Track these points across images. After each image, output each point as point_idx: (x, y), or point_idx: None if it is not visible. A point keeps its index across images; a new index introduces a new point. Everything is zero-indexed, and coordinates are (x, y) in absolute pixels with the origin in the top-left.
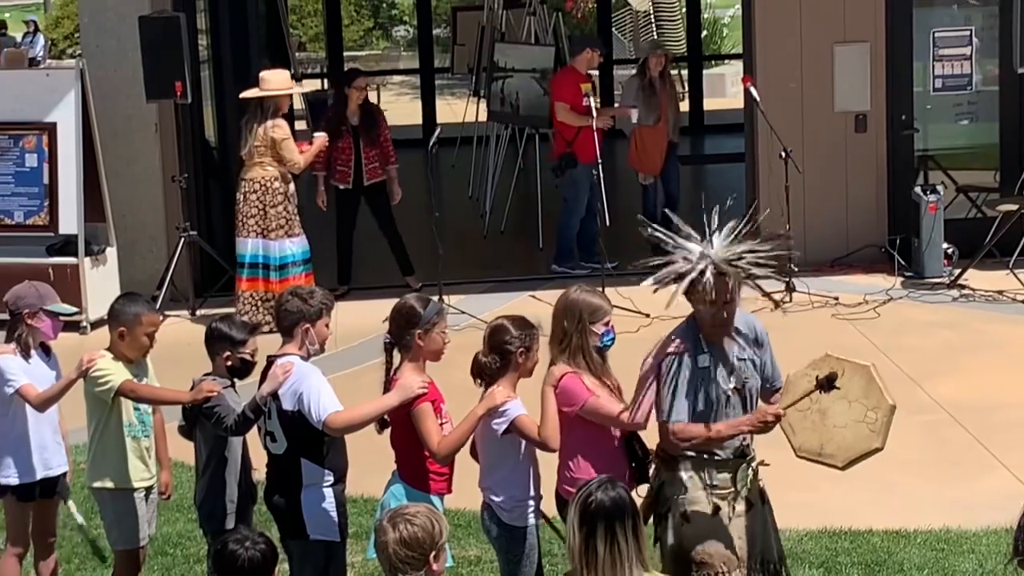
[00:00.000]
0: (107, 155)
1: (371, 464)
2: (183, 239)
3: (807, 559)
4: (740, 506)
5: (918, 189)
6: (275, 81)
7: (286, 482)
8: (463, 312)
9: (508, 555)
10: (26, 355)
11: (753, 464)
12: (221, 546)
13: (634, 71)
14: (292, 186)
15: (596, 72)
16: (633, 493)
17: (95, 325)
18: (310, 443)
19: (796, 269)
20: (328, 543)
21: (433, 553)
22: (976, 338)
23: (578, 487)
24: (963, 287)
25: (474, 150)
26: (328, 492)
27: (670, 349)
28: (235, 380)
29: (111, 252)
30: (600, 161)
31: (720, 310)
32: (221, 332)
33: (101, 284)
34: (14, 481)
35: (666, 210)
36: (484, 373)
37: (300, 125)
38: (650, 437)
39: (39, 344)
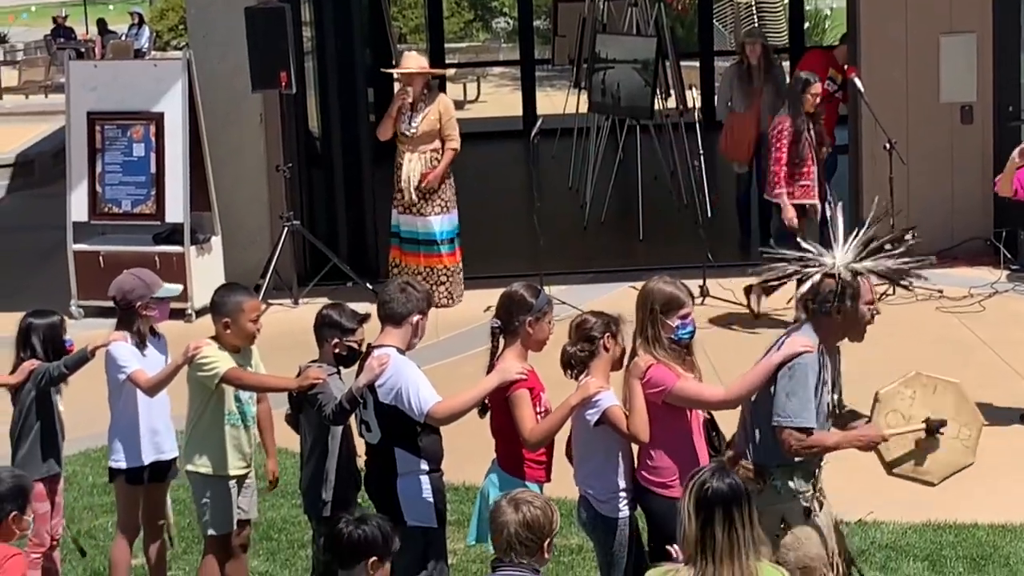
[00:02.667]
0: (212, 145)
1: (471, 451)
2: (286, 228)
3: (911, 552)
4: (818, 507)
5: None
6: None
7: (382, 470)
8: (564, 303)
9: (604, 547)
10: (142, 345)
11: (823, 465)
12: (335, 525)
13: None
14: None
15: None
16: None
17: (200, 313)
18: (404, 433)
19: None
20: (425, 529)
21: (548, 540)
22: None
23: (689, 477)
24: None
25: (574, 141)
26: (424, 479)
27: (799, 350)
28: (341, 368)
29: (216, 241)
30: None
31: (865, 313)
32: (331, 319)
33: (206, 272)
34: (124, 465)
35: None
36: (573, 363)
37: None
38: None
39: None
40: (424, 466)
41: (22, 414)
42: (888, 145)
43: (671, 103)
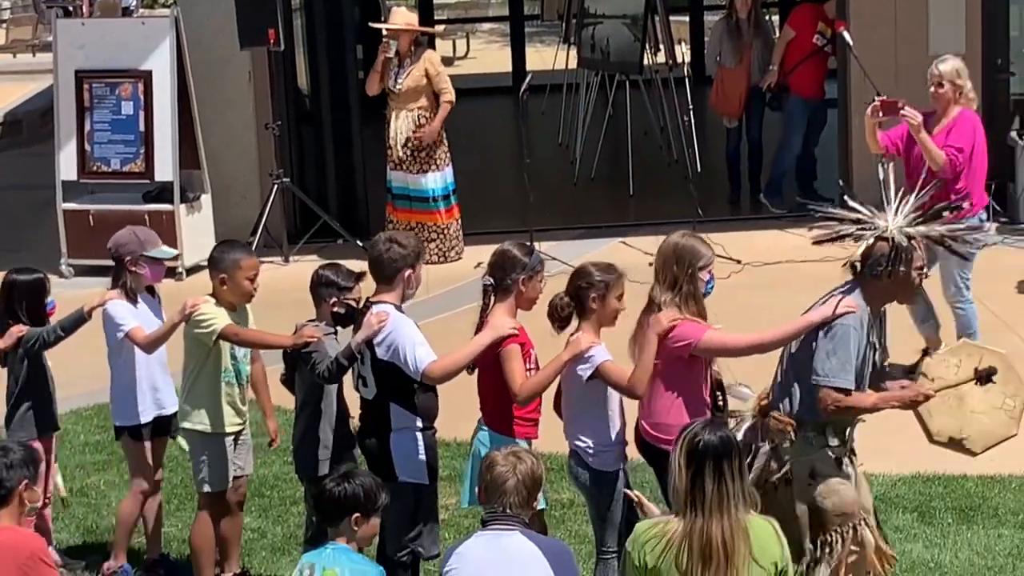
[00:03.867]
0: (201, 103)
1: (464, 409)
2: (276, 186)
3: (900, 504)
4: (847, 460)
5: (1013, 133)
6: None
7: (377, 426)
8: (554, 259)
9: (596, 500)
10: (132, 300)
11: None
12: (322, 483)
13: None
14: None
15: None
16: None
17: (191, 271)
18: (400, 389)
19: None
20: (417, 485)
21: (540, 492)
22: None
23: (681, 430)
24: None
25: (564, 97)
26: (418, 436)
27: (843, 310)
28: (338, 328)
29: (206, 199)
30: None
31: (915, 278)
32: (328, 279)
33: (196, 230)
34: (128, 423)
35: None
36: (556, 314)
37: None
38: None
39: (145, 288)
40: (419, 423)
41: (16, 379)
42: (877, 99)
43: (660, 58)
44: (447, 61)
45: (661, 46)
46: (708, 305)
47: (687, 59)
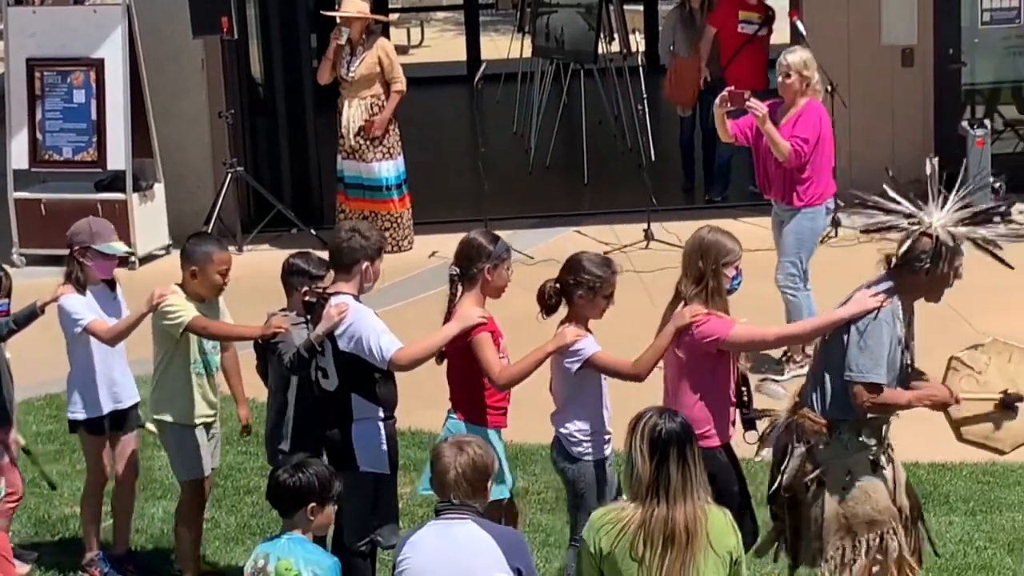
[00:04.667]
0: (154, 91)
1: (423, 398)
2: (230, 175)
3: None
4: (885, 460)
5: (965, 123)
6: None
7: (338, 417)
8: (509, 247)
9: (575, 488)
10: (81, 291)
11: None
12: (275, 474)
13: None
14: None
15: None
16: (741, 437)
17: (144, 260)
18: (362, 380)
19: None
20: (378, 475)
21: (489, 481)
22: None
23: (635, 418)
24: (1011, 221)
25: (519, 86)
26: (380, 426)
27: (873, 305)
28: (308, 317)
29: (159, 188)
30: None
31: (953, 276)
32: (298, 267)
33: (149, 219)
34: (82, 416)
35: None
36: (543, 301)
37: None
38: None
39: (103, 281)
40: (380, 413)
41: None
42: (830, 88)
43: (615, 47)
44: (401, 50)
45: (615, 35)
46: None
47: (641, 48)
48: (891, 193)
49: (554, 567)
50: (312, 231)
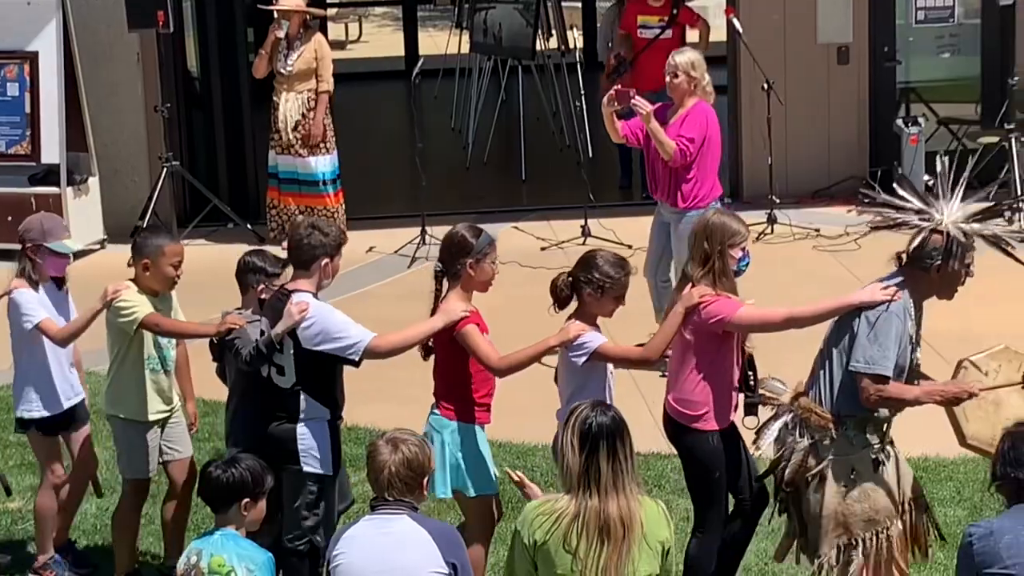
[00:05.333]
0: (89, 85)
1: (364, 393)
2: (165, 169)
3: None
4: (885, 457)
5: (899, 121)
6: None
7: (286, 415)
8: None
9: None
10: (34, 287)
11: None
12: (206, 470)
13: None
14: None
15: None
16: (740, 422)
17: (77, 255)
18: (318, 379)
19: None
20: (320, 476)
21: (426, 478)
22: None
23: (570, 411)
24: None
25: (457, 82)
26: (325, 427)
27: (883, 297)
28: (262, 316)
29: (93, 182)
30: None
31: (964, 273)
32: (255, 265)
33: (83, 213)
34: (38, 415)
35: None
36: (555, 295)
37: None
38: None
39: (52, 278)
40: (328, 415)
41: None
42: (766, 86)
43: (553, 43)
44: (339, 45)
45: (553, 31)
46: None
47: (579, 45)
48: (900, 191)
49: None
50: (248, 226)
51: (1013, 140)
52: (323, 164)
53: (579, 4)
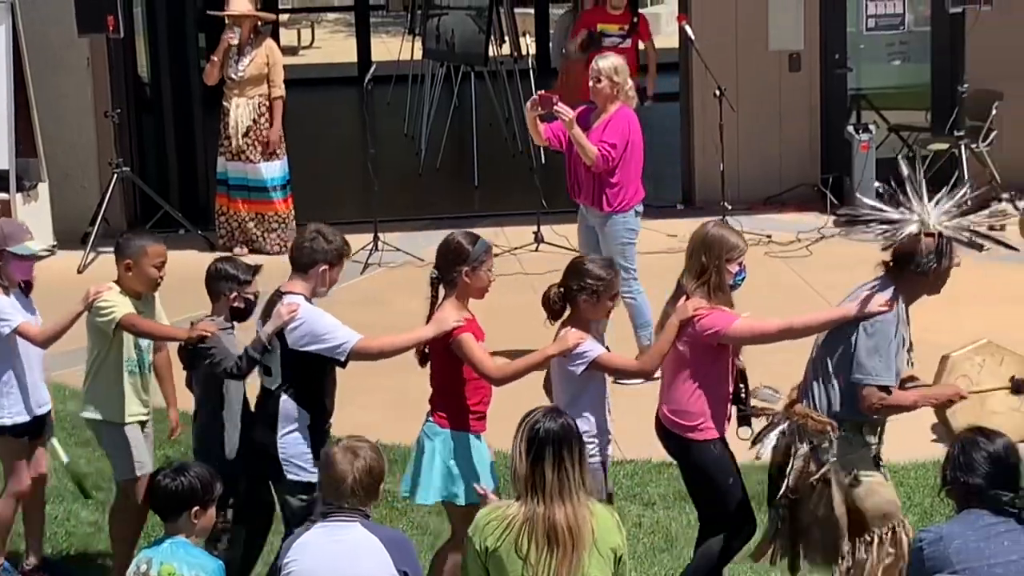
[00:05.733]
0: (38, 90)
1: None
2: (115, 175)
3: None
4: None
5: (850, 128)
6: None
7: (269, 419)
8: (398, 250)
9: None
10: (4, 292)
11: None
12: (155, 478)
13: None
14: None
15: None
16: (733, 433)
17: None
18: (304, 382)
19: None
20: (307, 483)
21: (382, 484)
22: None
23: (523, 416)
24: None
25: (409, 88)
26: (306, 433)
27: (881, 308)
28: (234, 323)
29: (43, 187)
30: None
31: (948, 273)
32: (227, 272)
33: (33, 219)
34: (8, 421)
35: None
36: (548, 307)
37: None
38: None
39: (20, 283)
40: (308, 419)
41: None
42: (718, 92)
43: (505, 50)
44: (292, 51)
45: (506, 38)
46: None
47: (532, 51)
48: (869, 201)
49: None
50: (199, 232)
51: (963, 147)
52: (273, 170)
53: (532, 11)
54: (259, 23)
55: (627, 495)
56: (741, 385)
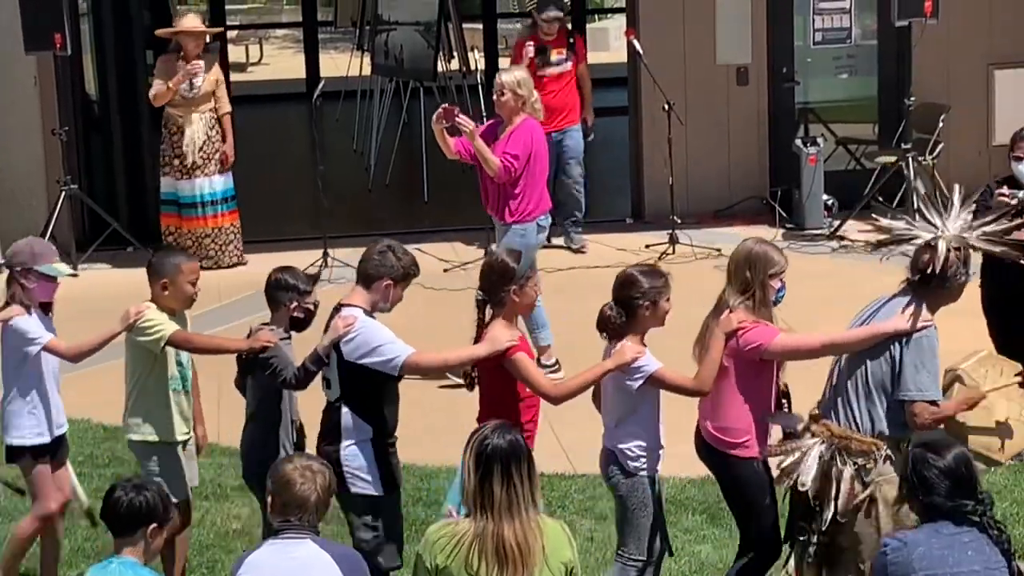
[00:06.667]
0: None
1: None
2: (63, 192)
3: (690, 505)
4: None
5: (799, 141)
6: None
7: (331, 431)
8: (348, 265)
9: (626, 503)
10: (26, 312)
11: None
12: (112, 493)
13: (520, 26)
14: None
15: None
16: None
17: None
18: (363, 395)
19: None
20: (372, 497)
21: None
22: (854, 289)
23: (472, 432)
24: (842, 238)
25: (358, 104)
26: (370, 447)
27: (922, 324)
28: (291, 333)
29: None
30: None
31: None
32: (287, 282)
33: None
34: (30, 442)
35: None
36: (609, 326)
37: None
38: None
39: (40, 304)
40: (370, 432)
41: None
42: (667, 106)
43: (454, 65)
44: (240, 67)
45: (455, 53)
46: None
47: (481, 67)
48: (885, 222)
49: None
50: (149, 249)
51: (910, 159)
52: (226, 182)
53: (480, 26)
54: (207, 39)
55: (579, 509)
56: (783, 401)
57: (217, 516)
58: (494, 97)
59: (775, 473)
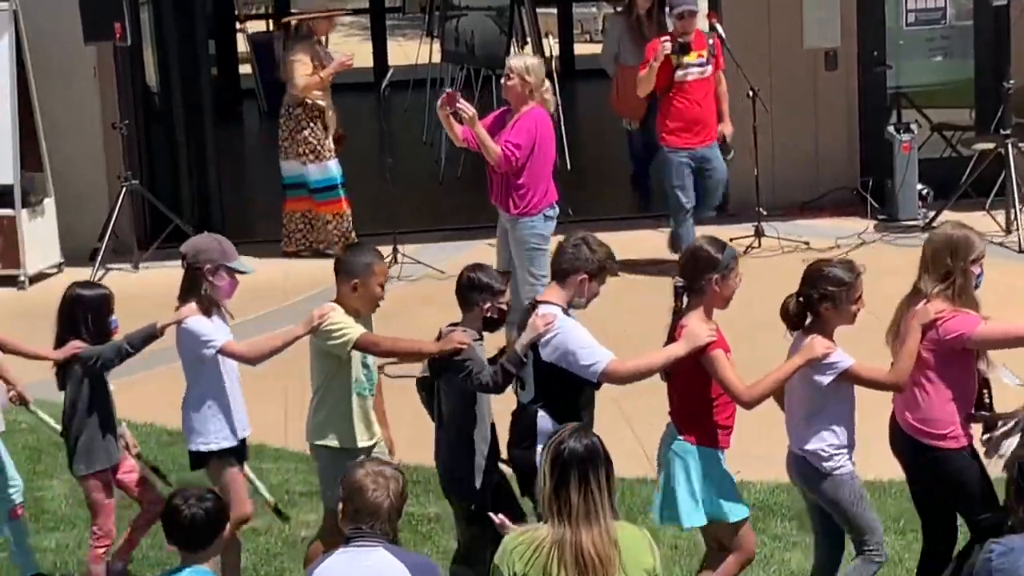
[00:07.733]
0: (44, 102)
1: None
2: (124, 188)
3: (779, 511)
4: None
5: (891, 128)
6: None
7: (525, 434)
8: (418, 262)
9: (838, 503)
10: (207, 314)
11: None
12: (168, 500)
13: (618, 8)
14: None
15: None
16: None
17: (33, 280)
18: (559, 396)
19: None
20: None
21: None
22: None
23: (549, 435)
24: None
25: (428, 93)
26: None
27: None
28: (483, 334)
29: (49, 203)
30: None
31: None
32: (481, 282)
33: (39, 236)
34: (215, 446)
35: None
36: (788, 318)
37: (245, 68)
38: None
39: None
40: None
41: (75, 403)
42: (751, 93)
43: (528, 51)
44: None
45: (528, 39)
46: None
47: (555, 52)
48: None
49: None
50: None
51: (1009, 146)
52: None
53: (554, 11)
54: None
55: None
56: (984, 391)
57: (285, 523)
58: (503, 82)
59: (980, 450)
